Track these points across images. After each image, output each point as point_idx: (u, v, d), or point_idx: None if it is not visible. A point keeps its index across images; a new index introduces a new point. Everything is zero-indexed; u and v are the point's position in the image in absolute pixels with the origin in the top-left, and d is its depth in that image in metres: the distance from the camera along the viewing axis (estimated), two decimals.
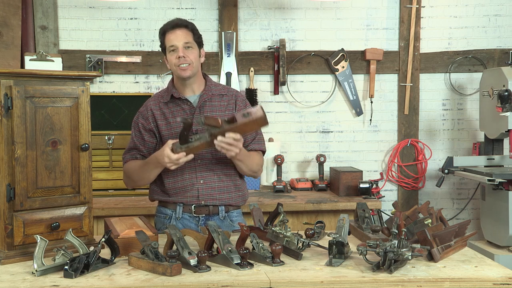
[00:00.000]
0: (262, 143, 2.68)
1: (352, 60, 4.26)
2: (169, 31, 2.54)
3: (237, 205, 2.66)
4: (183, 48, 2.50)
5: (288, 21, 4.24)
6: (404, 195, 4.35)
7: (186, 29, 2.54)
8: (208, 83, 2.65)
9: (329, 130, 4.32)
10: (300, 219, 3.60)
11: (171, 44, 2.52)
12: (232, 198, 2.62)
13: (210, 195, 2.57)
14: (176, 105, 2.60)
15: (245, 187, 2.72)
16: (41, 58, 3.76)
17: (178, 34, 2.52)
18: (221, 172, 2.59)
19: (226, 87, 2.78)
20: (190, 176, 2.56)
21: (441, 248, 2.04)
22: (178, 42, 2.51)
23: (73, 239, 1.99)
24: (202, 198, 2.56)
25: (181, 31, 2.53)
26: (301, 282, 1.84)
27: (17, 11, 3.92)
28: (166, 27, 2.56)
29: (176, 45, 2.51)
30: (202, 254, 1.92)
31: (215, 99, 2.61)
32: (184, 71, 2.51)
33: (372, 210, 2.47)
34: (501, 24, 4.33)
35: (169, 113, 2.59)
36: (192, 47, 2.53)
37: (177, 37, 2.51)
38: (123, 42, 4.16)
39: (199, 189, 2.56)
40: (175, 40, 2.51)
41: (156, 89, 4.13)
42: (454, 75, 4.35)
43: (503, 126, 3.59)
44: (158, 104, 2.62)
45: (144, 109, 2.66)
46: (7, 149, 2.04)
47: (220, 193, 2.58)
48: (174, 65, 2.53)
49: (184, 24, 2.55)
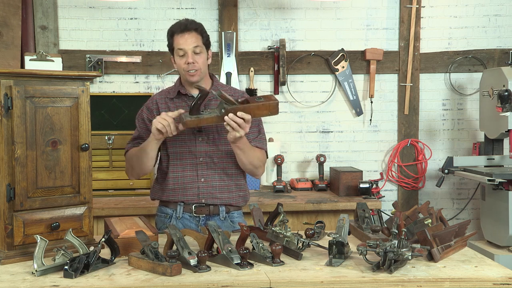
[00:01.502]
0: (264, 143, 2.68)
1: (352, 60, 4.26)
2: (178, 33, 2.52)
3: (238, 205, 2.66)
4: (192, 54, 2.49)
5: (288, 21, 4.25)
6: (404, 195, 4.35)
7: (196, 32, 2.52)
8: (215, 83, 2.65)
9: (329, 130, 4.32)
10: (300, 219, 3.60)
11: (180, 47, 2.50)
12: (233, 197, 2.62)
13: (211, 193, 2.57)
14: (182, 101, 2.60)
15: (246, 188, 2.71)
16: (41, 58, 3.76)
17: (187, 38, 2.50)
18: (223, 171, 2.60)
19: (233, 88, 2.78)
20: (191, 173, 2.57)
21: (441, 248, 2.04)
22: (187, 46, 2.49)
23: (73, 239, 1.99)
24: (202, 197, 2.57)
25: (190, 35, 2.51)
26: (301, 282, 1.84)
27: (17, 11, 3.92)
28: (176, 29, 2.54)
29: (185, 49, 2.50)
30: (202, 254, 1.92)
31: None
32: (192, 77, 2.52)
33: (372, 210, 2.47)
34: (501, 24, 4.33)
35: (174, 107, 2.58)
36: (201, 51, 2.52)
37: (186, 41, 2.50)
38: (123, 42, 4.16)
39: (200, 187, 2.57)
40: (184, 44, 2.50)
41: (156, 89, 4.13)
42: (454, 75, 4.35)
43: (503, 126, 3.59)
44: (164, 99, 2.64)
45: (149, 101, 2.67)
46: (7, 149, 2.04)
47: (221, 192, 2.58)
48: (182, 70, 2.53)
49: (193, 28, 2.52)
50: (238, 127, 2.32)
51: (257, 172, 2.65)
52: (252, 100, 2.39)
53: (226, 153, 2.58)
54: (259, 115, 2.44)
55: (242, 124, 2.32)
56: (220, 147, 2.57)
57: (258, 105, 2.36)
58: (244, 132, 2.35)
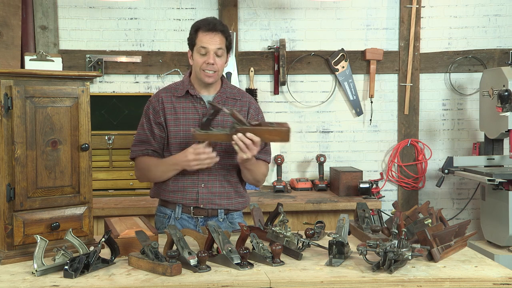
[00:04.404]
0: (269, 155, 2.67)
1: (352, 60, 4.26)
2: (204, 31, 2.47)
3: (237, 209, 2.66)
4: (214, 55, 2.46)
5: (288, 21, 4.25)
6: (404, 195, 4.35)
7: (222, 34, 2.49)
8: (224, 85, 2.62)
9: (329, 130, 4.32)
10: (300, 219, 3.60)
11: (204, 46, 2.46)
12: (232, 204, 2.61)
13: (210, 199, 2.55)
14: (189, 102, 2.56)
15: (246, 194, 2.70)
16: (41, 58, 3.76)
17: (213, 37, 2.46)
18: (223, 178, 2.57)
19: (241, 91, 2.74)
20: (191, 177, 2.54)
21: (441, 248, 2.04)
22: (212, 46, 2.45)
23: (73, 239, 1.99)
24: (201, 202, 2.55)
25: (217, 35, 2.47)
26: (301, 282, 1.84)
27: (17, 11, 3.92)
28: (202, 26, 2.49)
29: (208, 49, 2.46)
30: (202, 254, 1.92)
31: (229, 103, 2.58)
32: (209, 78, 2.50)
33: (372, 210, 2.47)
34: (501, 24, 4.33)
35: (179, 108, 2.56)
36: (223, 54, 2.50)
37: (212, 40, 2.46)
38: (123, 42, 4.16)
39: (199, 192, 2.55)
40: (209, 43, 2.46)
41: (156, 89, 4.13)
42: (454, 75, 4.35)
43: (503, 126, 3.59)
44: (171, 98, 2.58)
45: (155, 99, 2.60)
46: (7, 149, 2.04)
47: (220, 198, 2.57)
48: (199, 68, 2.49)
49: (220, 29, 2.48)
50: (246, 148, 2.32)
51: (258, 185, 2.68)
52: (264, 124, 2.39)
53: (228, 161, 2.56)
54: (268, 140, 2.44)
55: (250, 146, 2.32)
56: (223, 154, 2.53)
57: (269, 130, 2.35)
58: (251, 155, 2.35)
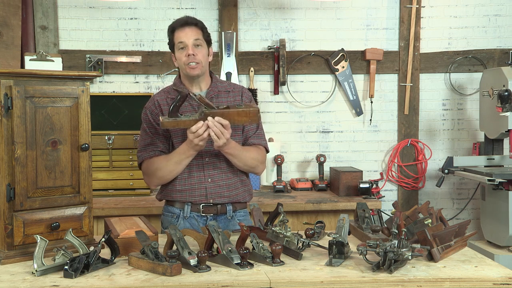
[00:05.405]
0: (263, 139, 2.68)
1: (352, 60, 4.26)
2: (178, 28, 2.55)
3: (244, 201, 2.67)
4: (193, 46, 2.51)
5: (288, 21, 4.25)
6: (404, 195, 4.35)
7: (196, 27, 2.55)
8: (214, 80, 2.66)
9: (329, 130, 4.32)
10: (300, 219, 3.60)
11: (180, 40, 2.52)
12: (240, 194, 2.62)
13: (218, 193, 2.57)
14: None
15: (250, 183, 2.72)
16: (41, 58, 3.76)
17: (187, 31, 2.52)
18: (228, 169, 2.59)
19: (232, 83, 2.80)
20: (198, 174, 2.56)
21: (441, 248, 2.04)
22: (188, 39, 2.51)
23: (73, 239, 1.99)
24: (210, 197, 2.57)
25: (191, 29, 2.53)
26: (301, 282, 1.84)
27: (17, 11, 3.92)
28: (176, 25, 2.57)
29: (185, 42, 2.51)
30: (202, 254, 1.92)
31: (222, 95, 2.62)
32: (193, 70, 2.53)
33: (372, 210, 2.47)
34: (501, 24, 4.33)
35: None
36: (202, 45, 2.54)
37: (187, 34, 2.52)
38: (123, 42, 4.16)
39: (208, 187, 2.56)
40: (185, 37, 2.52)
41: (156, 89, 4.13)
42: (454, 75, 4.35)
43: (503, 126, 3.59)
44: (166, 99, 2.62)
45: (151, 104, 2.64)
46: (7, 149, 2.04)
47: (229, 190, 2.59)
48: (183, 63, 2.54)
49: (193, 22, 2.56)
50: (220, 133, 2.32)
51: (255, 171, 2.66)
52: (232, 106, 2.39)
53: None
54: (239, 122, 2.41)
55: (221, 130, 2.32)
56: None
57: (238, 111, 2.34)
58: (224, 140, 2.35)
